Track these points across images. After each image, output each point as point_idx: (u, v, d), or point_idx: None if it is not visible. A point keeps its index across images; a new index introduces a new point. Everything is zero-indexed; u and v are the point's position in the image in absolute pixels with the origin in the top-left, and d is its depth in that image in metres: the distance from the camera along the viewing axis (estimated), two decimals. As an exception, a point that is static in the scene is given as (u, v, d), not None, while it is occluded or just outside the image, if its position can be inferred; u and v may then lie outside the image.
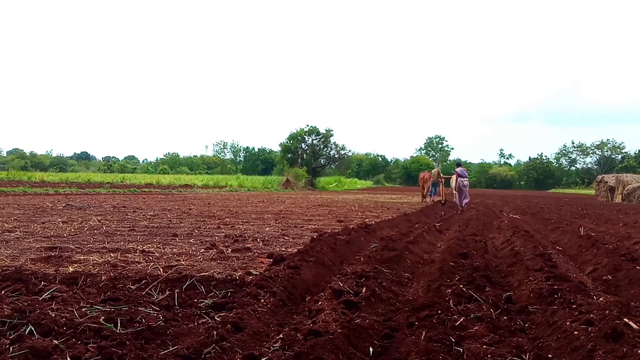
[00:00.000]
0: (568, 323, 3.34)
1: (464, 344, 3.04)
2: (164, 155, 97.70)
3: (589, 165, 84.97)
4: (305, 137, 48.27)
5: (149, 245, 6.83)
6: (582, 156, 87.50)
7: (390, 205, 20.12)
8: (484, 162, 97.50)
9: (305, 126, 48.07)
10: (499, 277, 5.31)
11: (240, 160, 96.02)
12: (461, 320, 3.46)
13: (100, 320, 3.22)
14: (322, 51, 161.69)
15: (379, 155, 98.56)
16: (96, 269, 5.08)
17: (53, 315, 3.28)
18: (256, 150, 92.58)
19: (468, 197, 17.79)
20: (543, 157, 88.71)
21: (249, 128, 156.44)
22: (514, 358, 2.91)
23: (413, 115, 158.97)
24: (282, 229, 9.47)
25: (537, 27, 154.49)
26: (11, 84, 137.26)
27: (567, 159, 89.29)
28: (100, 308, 3.58)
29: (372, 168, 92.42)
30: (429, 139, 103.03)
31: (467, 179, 17.62)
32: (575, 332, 3.14)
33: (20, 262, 5.35)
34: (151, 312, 3.53)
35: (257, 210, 14.90)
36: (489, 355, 2.90)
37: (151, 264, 5.47)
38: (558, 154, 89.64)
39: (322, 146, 48.50)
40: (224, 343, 2.90)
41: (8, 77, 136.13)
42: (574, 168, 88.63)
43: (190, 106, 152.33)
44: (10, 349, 2.67)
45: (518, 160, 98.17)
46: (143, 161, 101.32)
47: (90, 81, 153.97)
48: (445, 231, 10.44)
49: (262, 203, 18.77)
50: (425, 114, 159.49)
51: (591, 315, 3.35)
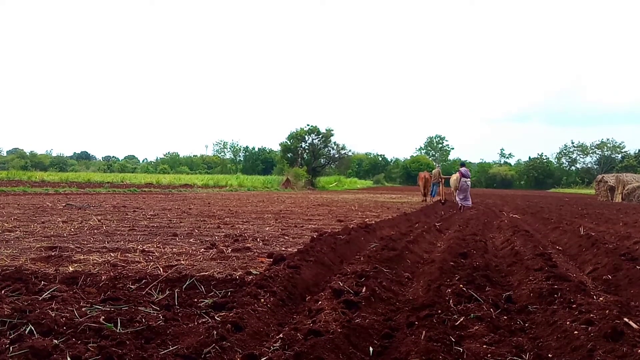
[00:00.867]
0: (568, 323, 3.34)
1: (464, 344, 3.04)
2: (164, 155, 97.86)
3: (589, 165, 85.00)
4: (305, 137, 48.26)
5: (149, 245, 6.83)
6: (582, 156, 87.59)
7: (390, 204, 20.12)
8: (484, 162, 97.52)
9: (306, 126, 48.15)
10: (499, 277, 5.32)
11: (240, 159, 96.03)
12: (461, 319, 3.46)
13: (100, 320, 3.22)
14: (322, 51, 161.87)
15: (379, 155, 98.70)
16: (96, 269, 5.08)
17: (53, 315, 3.28)
18: (256, 149, 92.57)
19: (470, 198, 18.05)
20: (543, 157, 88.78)
21: (249, 128, 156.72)
22: (514, 358, 2.91)
23: (413, 115, 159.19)
24: (282, 229, 9.47)
25: (537, 27, 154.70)
26: (11, 84, 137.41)
27: (567, 158, 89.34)
28: (100, 308, 3.58)
29: (372, 168, 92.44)
30: (429, 138, 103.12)
31: (470, 180, 17.92)
32: (575, 332, 3.14)
33: (20, 262, 5.35)
34: (151, 312, 3.53)
35: (257, 209, 14.90)
36: (489, 355, 2.90)
37: (151, 263, 5.47)
38: (558, 153, 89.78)
39: (322, 146, 48.49)
40: (224, 343, 2.90)
41: (8, 77, 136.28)
42: (574, 168, 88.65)
43: (190, 106, 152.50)
44: (10, 348, 2.67)
45: (518, 160, 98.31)
46: (143, 161, 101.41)
47: (90, 81, 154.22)
48: (445, 231, 10.44)
49: (262, 203, 18.77)
50: (426, 113, 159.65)
51: (591, 315, 3.35)
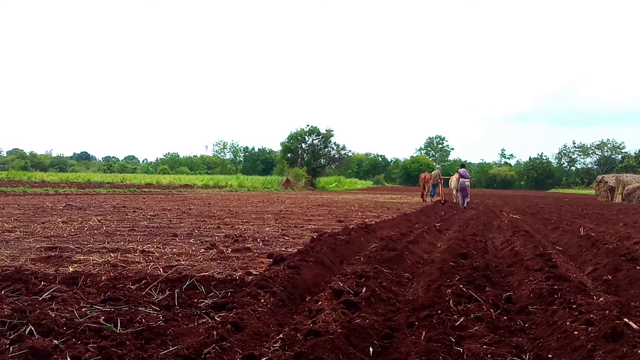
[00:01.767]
0: (568, 323, 3.34)
1: (464, 344, 3.04)
2: (164, 155, 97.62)
3: (589, 165, 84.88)
4: (305, 137, 48.29)
5: (149, 245, 6.83)
6: (582, 156, 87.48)
7: (390, 205, 20.12)
8: (484, 162, 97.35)
9: (306, 126, 48.19)
10: (499, 277, 5.31)
11: (240, 160, 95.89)
12: (461, 320, 3.46)
13: (100, 320, 3.22)
14: (322, 51, 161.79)
15: (379, 155, 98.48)
16: (96, 269, 5.08)
17: (53, 315, 3.28)
18: (256, 150, 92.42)
19: (469, 197, 18.84)
20: (543, 157, 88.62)
21: (249, 128, 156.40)
22: (514, 358, 2.91)
23: (413, 115, 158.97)
24: (282, 229, 9.47)
25: (537, 27, 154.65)
26: (11, 84, 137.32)
27: (567, 159, 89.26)
28: (100, 308, 3.58)
29: (372, 168, 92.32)
30: (429, 139, 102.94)
31: (469, 180, 18.52)
32: (575, 332, 3.14)
33: (20, 262, 5.35)
34: (151, 312, 3.53)
35: (257, 210, 14.90)
36: (489, 355, 2.89)
37: (151, 264, 5.47)
38: (558, 154, 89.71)
39: (322, 146, 48.52)
40: (224, 343, 2.90)
41: (8, 77, 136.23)
42: (574, 168, 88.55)
43: (190, 106, 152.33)
44: (10, 349, 2.67)
45: (518, 160, 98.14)
46: (143, 161, 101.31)
47: (90, 81, 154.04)
48: (445, 231, 10.45)
49: (262, 203, 18.77)
50: (425, 114, 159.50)
51: (591, 315, 3.35)
